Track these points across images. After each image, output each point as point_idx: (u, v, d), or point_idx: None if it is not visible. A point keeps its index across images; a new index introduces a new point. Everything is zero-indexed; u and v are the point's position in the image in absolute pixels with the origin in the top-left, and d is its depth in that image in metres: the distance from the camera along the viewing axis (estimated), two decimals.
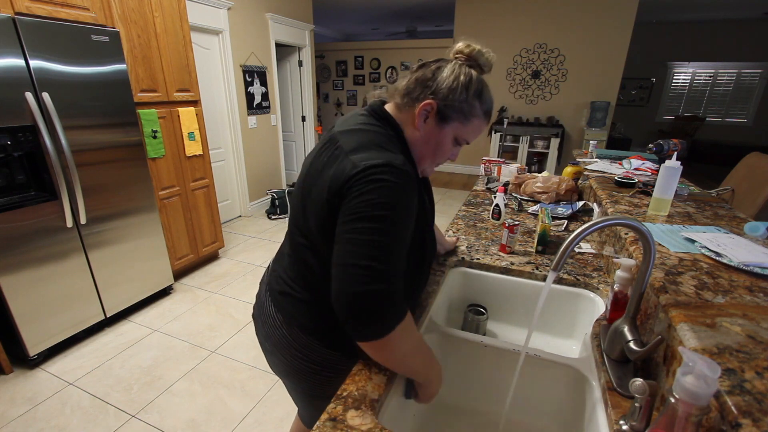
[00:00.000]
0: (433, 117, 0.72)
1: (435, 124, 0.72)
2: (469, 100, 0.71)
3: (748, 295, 0.70)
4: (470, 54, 0.73)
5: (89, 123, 1.99)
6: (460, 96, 0.70)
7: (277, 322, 0.83)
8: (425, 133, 0.73)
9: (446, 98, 0.70)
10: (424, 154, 0.75)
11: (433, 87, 0.71)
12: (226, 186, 3.96)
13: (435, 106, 0.70)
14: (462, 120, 0.72)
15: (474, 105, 0.72)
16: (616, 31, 4.91)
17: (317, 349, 0.79)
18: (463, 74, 0.71)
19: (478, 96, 0.72)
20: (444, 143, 0.74)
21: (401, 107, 0.75)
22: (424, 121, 0.72)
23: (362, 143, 0.67)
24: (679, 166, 1.11)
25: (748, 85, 6.85)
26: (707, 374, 0.42)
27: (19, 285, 1.80)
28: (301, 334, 0.79)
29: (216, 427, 1.61)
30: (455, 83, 0.70)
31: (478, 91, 0.72)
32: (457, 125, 0.72)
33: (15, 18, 1.66)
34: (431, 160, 0.76)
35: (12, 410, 1.67)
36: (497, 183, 2.12)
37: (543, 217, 1.28)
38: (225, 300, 2.57)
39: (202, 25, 3.29)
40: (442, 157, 0.76)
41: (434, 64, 0.74)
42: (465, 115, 0.72)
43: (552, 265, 0.66)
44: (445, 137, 0.73)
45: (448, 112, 0.71)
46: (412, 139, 0.74)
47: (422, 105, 0.70)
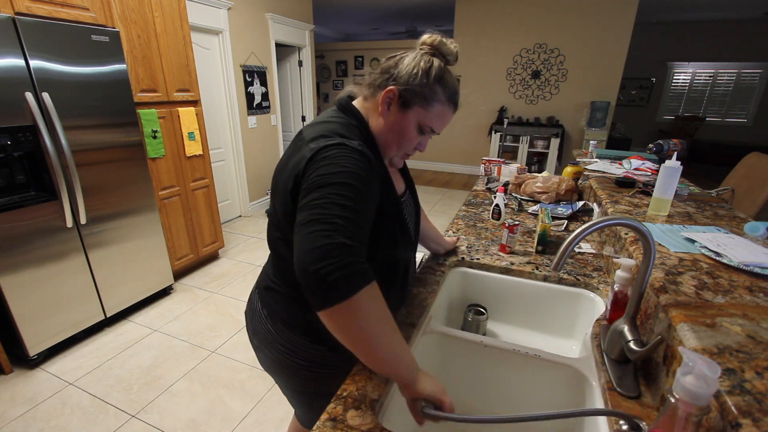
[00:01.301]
0: (395, 103, 0.73)
1: (398, 111, 0.73)
2: (429, 84, 0.71)
3: (748, 295, 0.70)
4: (432, 43, 0.74)
5: (89, 123, 1.99)
6: (421, 81, 0.71)
7: (263, 317, 0.85)
8: (389, 121, 0.74)
9: (407, 83, 0.71)
10: (389, 141, 0.76)
11: (395, 74, 0.72)
12: (226, 186, 3.96)
13: (396, 92, 0.72)
14: (424, 105, 0.73)
15: (435, 90, 0.72)
16: (616, 31, 4.91)
17: (301, 344, 0.81)
18: (423, 61, 0.72)
19: (438, 81, 0.72)
20: (407, 129, 0.74)
21: (367, 98, 0.77)
22: (388, 108, 0.74)
23: (322, 132, 0.70)
24: (679, 166, 1.11)
25: (748, 85, 6.85)
26: (707, 374, 0.42)
27: (19, 285, 1.80)
28: (284, 329, 0.81)
29: (216, 427, 1.61)
30: (416, 69, 0.71)
31: (439, 77, 0.72)
32: (420, 110, 0.73)
33: (15, 18, 1.66)
34: (397, 148, 0.77)
35: (12, 410, 1.67)
36: (497, 183, 2.12)
37: (543, 217, 1.28)
38: (225, 300, 2.57)
39: (202, 25, 3.29)
40: (407, 145, 0.77)
41: (399, 54, 0.76)
42: (427, 100, 0.72)
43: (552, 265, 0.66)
44: (408, 123, 0.74)
45: (409, 96, 0.72)
46: (377, 129, 0.76)
47: (385, 92, 0.72)
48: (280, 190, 0.72)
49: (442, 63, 0.74)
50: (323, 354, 0.81)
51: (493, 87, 5.79)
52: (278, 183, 0.73)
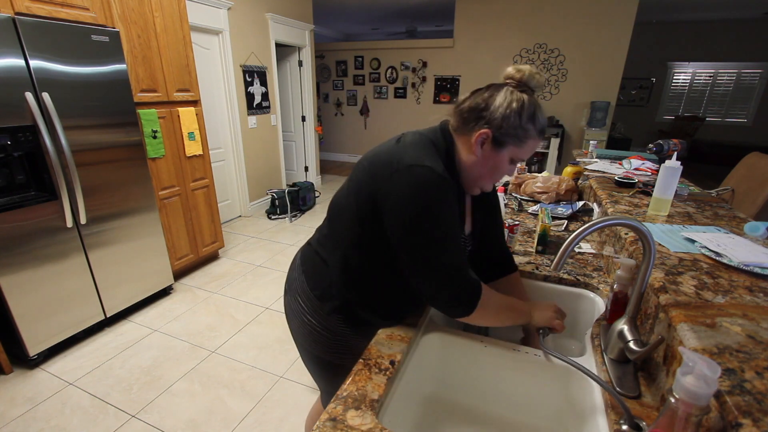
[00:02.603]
0: (489, 143, 0.77)
1: (491, 150, 0.77)
2: (522, 125, 0.75)
3: (748, 295, 0.70)
4: (521, 79, 0.77)
5: (89, 123, 1.99)
6: (514, 122, 0.74)
7: (299, 275, 0.95)
8: (482, 158, 0.79)
9: (501, 127, 0.75)
10: (481, 174, 0.81)
11: (487, 116, 0.75)
12: (226, 186, 3.96)
13: (490, 134, 0.75)
14: (517, 144, 0.77)
15: (528, 128, 0.75)
16: (616, 31, 4.90)
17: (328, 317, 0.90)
18: (515, 101, 0.74)
19: (531, 119, 0.75)
20: (501, 165, 0.79)
21: (458, 132, 0.81)
22: (481, 147, 0.78)
23: (414, 146, 0.76)
24: (679, 166, 1.11)
25: (748, 85, 6.85)
26: (707, 374, 0.42)
27: (19, 285, 1.80)
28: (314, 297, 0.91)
29: (216, 427, 1.61)
30: (508, 111, 0.74)
31: (531, 115, 0.75)
32: (513, 149, 0.77)
33: (15, 18, 1.66)
34: (490, 180, 0.83)
35: (12, 410, 1.67)
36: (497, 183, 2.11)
37: (543, 217, 1.28)
38: (225, 300, 2.57)
39: (202, 25, 3.29)
40: (500, 176, 0.82)
41: (487, 91, 0.78)
42: (520, 139, 0.76)
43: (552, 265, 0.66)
44: (501, 161, 0.79)
45: (504, 138, 0.76)
46: (468, 162, 0.80)
47: (478, 134, 0.76)
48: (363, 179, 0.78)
49: (532, 98, 0.76)
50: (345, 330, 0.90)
51: None
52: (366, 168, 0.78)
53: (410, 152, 0.74)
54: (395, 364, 0.78)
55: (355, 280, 0.86)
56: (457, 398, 0.98)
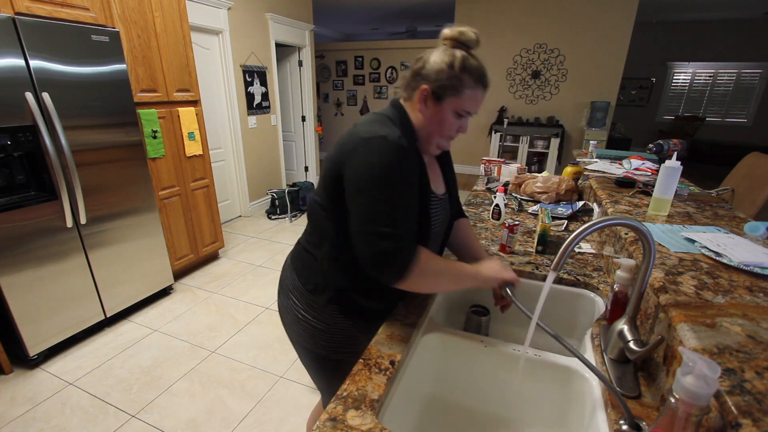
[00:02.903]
0: (430, 99, 0.82)
1: (433, 105, 0.82)
2: (456, 75, 0.79)
3: (748, 295, 0.70)
4: (452, 37, 0.82)
5: (89, 123, 1.99)
6: (448, 74, 0.79)
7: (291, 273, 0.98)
8: (428, 114, 0.84)
9: (436, 80, 0.80)
10: (431, 131, 0.85)
11: (424, 74, 0.82)
12: (226, 186, 3.96)
13: (429, 89, 0.81)
14: (454, 94, 0.80)
15: (462, 78, 0.79)
16: (616, 31, 4.91)
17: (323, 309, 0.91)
18: (447, 56, 0.80)
19: (464, 69, 0.79)
20: (446, 118, 0.83)
21: (406, 99, 0.87)
22: (425, 104, 0.83)
23: (371, 122, 0.82)
24: (679, 166, 1.11)
25: (748, 85, 6.85)
26: (707, 374, 0.42)
27: (19, 285, 1.80)
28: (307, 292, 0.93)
29: (216, 427, 1.61)
30: (441, 65, 0.80)
31: (462, 66, 0.79)
32: (452, 100, 0.81)
33: (15, 18, 1.66)
34: (439, 135, 0.86)
35: (12, 410, 1.67)
36: (497, 183, 2.12)
37: (543, 217, 1.28)
38: (225, 300, 2.57)
39: (202, 25, 3.29)
40: (449, 131, 0.85)
41: (425, 55, 0.84)
42: (456, 89, 0.80)
43: (552, 265, 0.66)
44: (445, 113, 0.82)
45: (440, 91, 0.81)
46: (419, 123, 0.85)
47: (419, 91, 0.82)
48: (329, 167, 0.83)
49: (465, 52, 0.81)
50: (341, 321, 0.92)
51: (493, 87, 5.76)
52: (331, 157, 0.83)
53: (366, 128, 0.79)
54: (395, 364, 0.78)
55: (345, 268, 0.88)
56: (456, 398, 0.98)
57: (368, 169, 0.75)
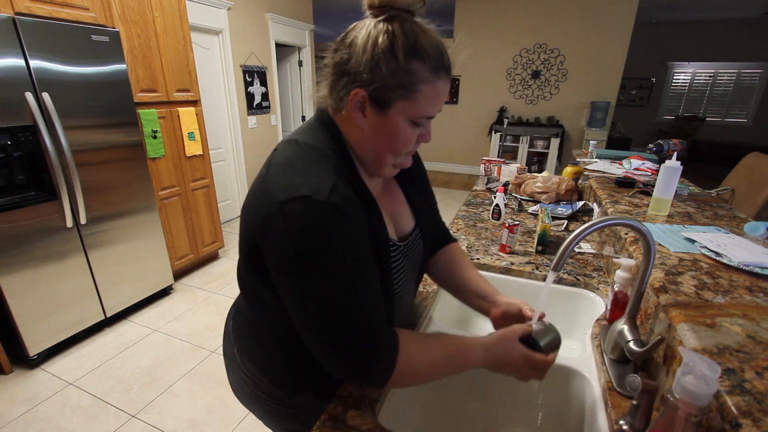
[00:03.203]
0: (369, 107, 0.55)
1: (376, 114, 0.55)
2: (402, 67, 0.52)
3: (748, 295, 0.70)
4: (383, 3, 0.52)
5: (89, 123, 1.99)
6: (389, 67, 0.52)
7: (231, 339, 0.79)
8: (370, 128, 0.57)
9: (372, 81, 0.53)
10: (379, 151, 0.59)
11: (353, 71, 0.54)
12: (226, 186, 3.96)
13: (364, 94, 0.54)
14: (405, 95, 0.54)
15: (411, 69, 0.52)
16: (616, 31, 4.91)
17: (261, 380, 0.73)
18: (381, 37, 0.52)
19: (412, 54, 0.52)
20: (398, 131, 0.56)
21: (335, 108, 0.60)
22: (363, 114, 0.56)
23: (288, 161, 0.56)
24: (679, 166, 1.11)
25: (748, 85, 6.85)
26: (707, 374, 0.42)
27: (19, 285, 1.80)
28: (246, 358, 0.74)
29: (216, 427, 1.61)
30: (375, 55, 0.52)
31: (410, 48, 0.52)
32: (403, 104, 0.54)
33: (15, 18, 1.66)
34: (393, 154, 0.59)
35: (12, 410, 1.67)
36: (497, 183, 2.12)
37: (543, 217, 1.28)
38: (225, 300, 2.57)
39: (202, 25, 3.29)
40: (404, 147, 0.59)
41: (347, 38, 0.55)
42: (406, 88, 0.53)
43: (552, 265, 0.66)
44: (396, 125, 0.56)
45: (382, 94, 0.53)
46: (359, 142, 0.59)
47: (350, 98, 0.55)
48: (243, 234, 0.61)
49: (407, 23, 0.53)
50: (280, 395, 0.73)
51: (493, 87, 5.79)
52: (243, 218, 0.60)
53: (281, 180, 0.53)
54: None
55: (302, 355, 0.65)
56: (456, 398, 0.98)
57: (293, 254, 0.51)
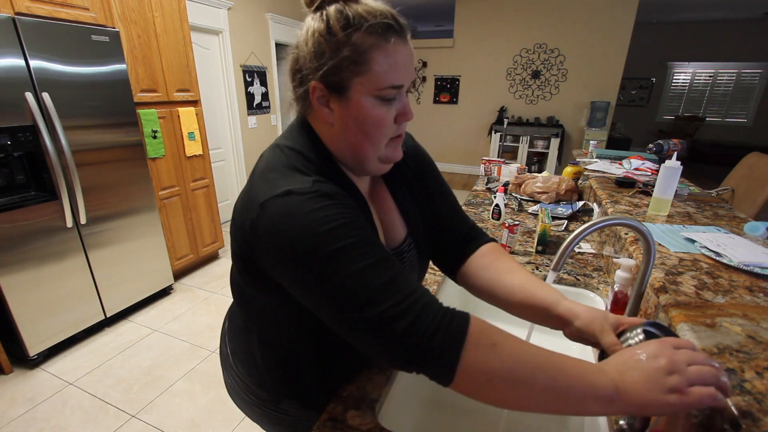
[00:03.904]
0: (329, 97, 0.55)
1: (339, 102, 0.54)
2: (341, 41, 0.51)
3: (748, 295, 0.70)
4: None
5: (89, 123, 1.99)
6: (331, 50, 0.52)
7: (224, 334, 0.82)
8: (339, 121, 0.56)
9: (320, 66, 0.52)
10: (355, 142, 0.57)
11: (303, 67, 0.55)
12: (226, 186, 3.96)
13: (320, 84, 0.54)
14: (356, 70, 0.52)
15: (353, 41, 0.51)
16: (616, 31, 4.91)
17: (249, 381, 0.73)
18: (315, 23, 0.53)
19: (348, 26, 0.51)
20: (364, 113, 0.54)
21: (306, 112, 0.60)
22: (328, 107, 0.55)
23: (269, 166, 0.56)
24: (679, 166, 1.11)
25: (748, 85, 6.86)
26: None
27: (19, 285, 1.80)
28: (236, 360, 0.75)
29: (216, 427, 1.61)
30: (314, 41, 0.53)
31: (345, 22, 0.51)
32: (359, 80, 0.52)
33: (15, 18, 1.66)
34: (371, 142, 0.57)
35: (12, 410, 1.67)
36: (497, 183, 2.12)
37: (543, 217, 1.28)
38: (225, 300, 2.57)
39: (202, 25, 3.29)
40: (379, 130, 0.56)
41: (294, 43, 0.58)
42: (355, 62, 0.51)
43: (552, 265, 0.66)
44: (358, 106, 0.54)
45: (334, 77, 0.53)
46: (333, 138, 0.58)
47: (312, 97, 0.55)
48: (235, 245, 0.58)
49: (339, 4, 0.52)
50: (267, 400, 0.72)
51: (493, 87, 5.79)
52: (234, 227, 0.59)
53: (262, 185, 0.53)
54: None
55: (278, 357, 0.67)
56: (457, 398, 0.98)
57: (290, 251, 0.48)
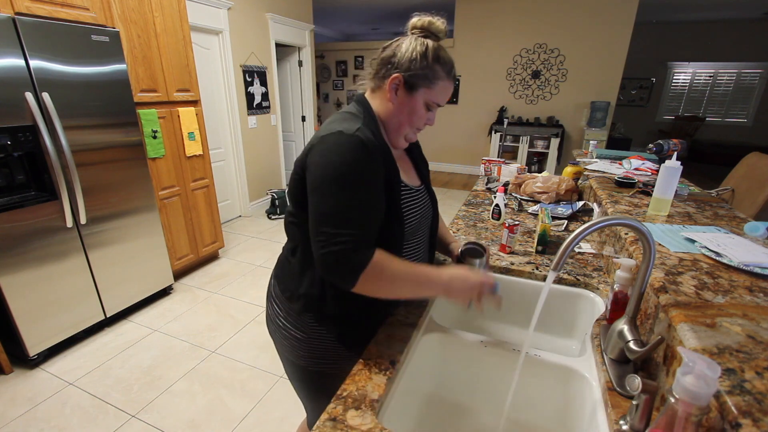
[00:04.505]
0: (402, 88, 0.80)
1: (405, 94, 0.80)
2: (430, 65, 0.78)
3: (748, 295, 0.70)
4: (423, 26, 0.81)
5: (89, 123, 1.99)
6: (422, 64, 0.78)
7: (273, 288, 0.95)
8: (398, 104, 0.81)
9: (409, 69, 0.78)
10: (401, 122, 0.83)
11: (396, 62, 0.79)
12: (226, 186, 3.96)
13: (401, 78, 0.79)
14: (428, 85, 0.79)
15: (435, 69, 0.79)
16: (616, 31, 4.91)
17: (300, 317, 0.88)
18: (419, 45, 0.79)
19: (437, 60, 0.79)
20: (417, 109, 0.81)
21: (374, 89, 0.85)
22: (396, 93, 0.80)
23: (331, 121, 0.80)
24: (679, 166, 1.11)
25: (748, 85, 6.85)
26: (707, 374, 0.42)
27: (19, 285, 1.80)
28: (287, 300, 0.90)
29: (216, 427, 1.61)
30: (414, 54, 0.78)
31: (436, 56, 0.79)
32: (425, 90, 0.80)
33: (15, 18, 1.66)
34: (409, 126, 0.84)
35: (12, 410, 1.67)
36: (497, 183, 2.12)
37: (543, 217, 1.28)
38: (225, 300, 2.57)
39: (202, 25, 3.29)
40: (418, 122, 0.83)
41: (394, 43, 0.82)
42: (430, 80, 0.79)
43: (552, 265, 0.66)
44: (416, 104, 0.81)
45: (414, 80, 0.79)
46: (387, 113, 0.83)
47: (390, 80, 0.79)
48: (294, 170, 0.82)
49: (435, 42, 0.80)
50: (316, 329, 0.88)
51: (493, 87, 5.79)
52: (296, 160, 0.82)
53: (325, 127, 0.78)
54: (395, 364, 0.78)
55: (312, 273, 0.84)
56: (457, 398, 0.98)
57: (323, 167, 0.72)
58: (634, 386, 0.55)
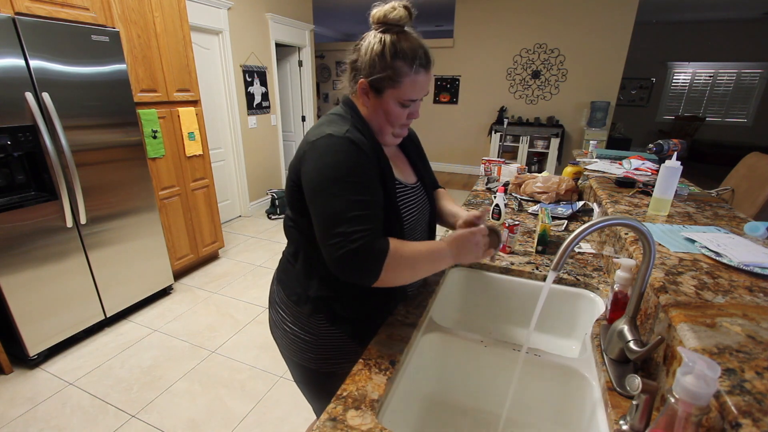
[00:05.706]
0: (370, 92, 0.79)
1: (375, 98, 0.80)
2: (389, 65, 0.75)
3: (748, 295, 0.70)
4: (379, 20, 0.77)
5: (89, 123, 1.99)
6: (381, 65, 0.75)
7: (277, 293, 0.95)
8: (371, 108, 0.81)
9: (371, 73, 0.77)
10: (380, 123, 0.83)
11: (360, 67, 0.79)
12: (226, 186, 3.96)
13: (366, 83, 0.78)
14: (393, 85, 0.77)
15: (396, 66, 0.75)
16: (616, 31, 4.91)
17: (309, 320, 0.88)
18: (377, 43, 0.75)
19: (396, 56, 0.75)
20: (391, 110, 0.80)
21: (352, 93, 0.85)
22: (368, 97, 0.80)
23: (320, 124, 0.81)
24: (679, 166, 1.11)
25: (748, 85, 6.85)
26: (707, 374, 0.42)
27: (19, 285, 1.80)
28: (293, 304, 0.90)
29: (216, 427, 1.61)
30: (372, 55, 0.76)
31: (394, 52, 0.74)
32: (391, 91, 0.77)
33: (15, 18, 1.66)
34: (389, 126, 0.83)
35: (12, 410, 1.67)
36: (497, 183, 2.12)
37: (543, 217, 1.28)
38: (225, 300, 2.57)
39: (202, 25, 3.29)
40: (397, 121, 0.82)
41: (359, 44, 0.80)
42: (393, 80, 0.76)
43: (552, 265, 0.66)
44: (388, 105, 0.79)
45: (378, 84, 0.77)
46: (367, 116, 0.83)
47: (359, 86, 0.80)
48: (288, 176, 0.82)
49: (394, 36, 0.75)
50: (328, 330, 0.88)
51: (493, 87, 5.79)
52: (289, 167, 0.83)
53: (314, 131, 0.79)
54: (395, 364, 0.78)
55: (321, 277, 0.85)
56: (457, 398, 0.98)
57: (320, 171, 0.72)
58: (634, 386, 0.55)
